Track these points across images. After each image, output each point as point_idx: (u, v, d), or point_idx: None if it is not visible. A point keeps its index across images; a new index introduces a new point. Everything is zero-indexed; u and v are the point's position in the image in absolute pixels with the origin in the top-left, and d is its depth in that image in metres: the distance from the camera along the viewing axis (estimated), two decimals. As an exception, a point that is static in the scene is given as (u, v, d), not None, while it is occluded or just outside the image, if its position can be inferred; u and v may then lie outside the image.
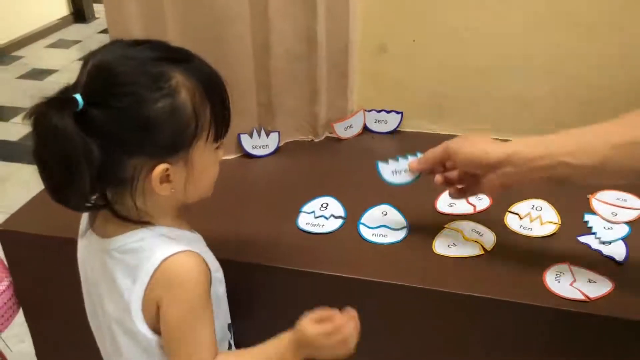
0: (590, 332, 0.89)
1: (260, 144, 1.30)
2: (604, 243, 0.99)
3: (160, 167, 0.72)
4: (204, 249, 0.85)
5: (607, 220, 1.05)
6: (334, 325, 0.78)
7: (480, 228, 1.04)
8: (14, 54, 4.20)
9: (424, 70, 1.32)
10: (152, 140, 0.71)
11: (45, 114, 0.66)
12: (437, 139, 1.36)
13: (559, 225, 1.04)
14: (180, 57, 0.74)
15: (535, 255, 0.98)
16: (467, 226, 1.05)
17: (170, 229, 0.80)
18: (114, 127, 0.68)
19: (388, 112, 1.37)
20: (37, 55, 4.22)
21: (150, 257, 0.75)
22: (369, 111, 1.37)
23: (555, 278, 0.92)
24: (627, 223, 1.04)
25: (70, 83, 0.72)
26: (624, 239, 1.00)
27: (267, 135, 1.30)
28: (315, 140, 1.36)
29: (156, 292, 0.75)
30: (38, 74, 3.90)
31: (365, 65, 1.34)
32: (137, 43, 0.74)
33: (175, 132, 0.71)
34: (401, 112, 1.36)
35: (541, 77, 1.28)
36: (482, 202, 1.11)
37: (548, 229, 1.03)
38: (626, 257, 0.96)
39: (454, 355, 0.99)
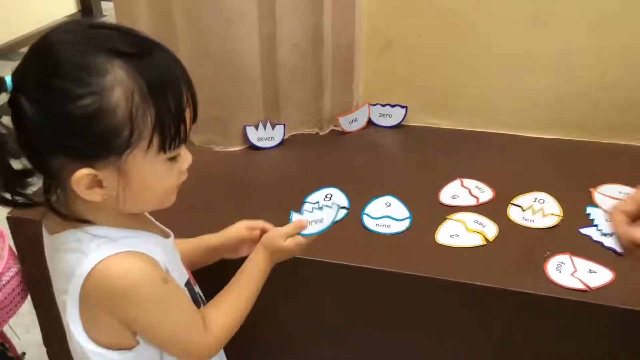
0: (590, 320, 0.90)
1: (266, 136, 1.32)
2: (605, 235, 1.00)
3: (81, 172, 0.63)
4: (156, 248, 0.73)
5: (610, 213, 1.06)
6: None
7: (483, 219, 1.05)
8: (22, 50, 4.23)
9: (428, 66, 1.34)
10: (73, 141, 0.62)
11: None
12: (441, 134, 1.39)
13: (561, 217, 1.05)
14: (134, 50, 0.63)
15: (537, 245, 0.99)
16: (470, 217, 1.06)
17: (114, 229, 0.70)
18: (36, 121, 0.61)
19: (393, 106, 1.38)
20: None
21: (82, 261, 0.67)
22: (374, 105, 1.39)
23: (557, 268, 0.93)
24: (629, 216, 1.05)
25: None
26: (625, 231, 1.01)
27: (273, 127, 1.32)
28: (320, 134, 1.38)
29: (94, 299, 0.68)
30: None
31: (371, 60, 1.35)
32: (98, 26, 0.65)
33: (101, 137, 0.62)
34: (406, 107, 1.37)
35: (545, 74, 1.29)
36: (485, 194, 1.12)
37: (550, 221, 1.04)
38: (627, 249, 0.97)
39: (456, 343, 1.00)
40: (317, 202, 1.12)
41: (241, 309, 0.81)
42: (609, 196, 1.10)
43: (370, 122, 1.40)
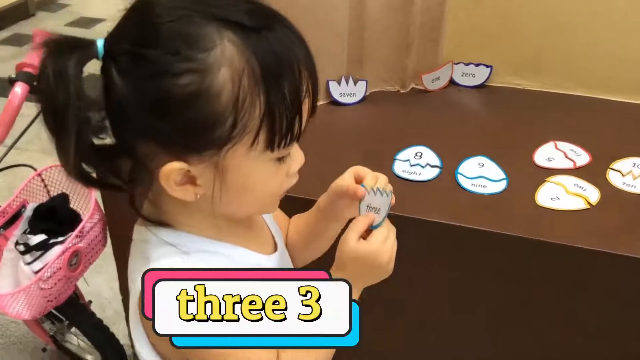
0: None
1: (348, 92, 1.29)
2: None
3: (172, 166, 0.53)
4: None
5: None
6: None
7: (583, 183, 1.03)
8: (61, 1, 4.20)
9: (517, 25, 1.29)
10: (163, 127, 0.51)
11: (53, 50, 0.51)
12: (524, 95, 1.35)
13: (663, 183, 1.03)
14: (251, 22, 0.51)
15: (642, 211, 0.97)
16: (570, 181, 1.03)
17: (193, 237, 0.60)
18: (124, 96, 0.51)
19: (477, 65, 1.34)
20: (83, 3, 4.22)
21: (143, 268, 0.56)
22: (457, 64, 1.35)
23: (665, 234, 0.91)
24: None
25: None
26: None
27: (355, 83, 1.29)
28: (402, 91, 1.35)
29: None
30: (86, 23, 3.91)
31: (459, 17, 1.31)
32: None
33: (197, 125, 0.51)
34: (490, 66, 1.34)
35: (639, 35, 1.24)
36: (580, 158, 1.10)
37: (653, 187, 1.02)
38: None
39: (556, 305, 0.99)
40: (408, 160, 1.11)
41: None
42: None
43: (452, 82, 1.37)
